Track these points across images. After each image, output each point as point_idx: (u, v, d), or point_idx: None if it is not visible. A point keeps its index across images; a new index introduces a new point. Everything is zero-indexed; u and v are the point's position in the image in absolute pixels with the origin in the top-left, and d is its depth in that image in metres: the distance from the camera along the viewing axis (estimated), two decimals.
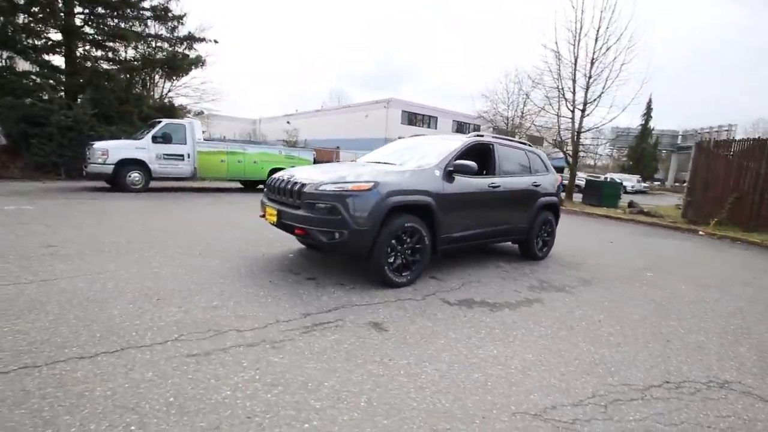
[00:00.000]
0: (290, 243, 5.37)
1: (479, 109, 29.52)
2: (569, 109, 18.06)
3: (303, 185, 3.63)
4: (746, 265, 6.62)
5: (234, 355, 2.34)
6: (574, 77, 17.62)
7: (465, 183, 4.34)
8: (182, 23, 16.31)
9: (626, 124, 20.35)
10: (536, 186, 5.35)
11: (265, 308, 3.08)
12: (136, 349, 2.32)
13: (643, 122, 44.85)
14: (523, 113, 28.75)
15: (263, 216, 4.26)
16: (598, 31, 17.13)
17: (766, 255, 7.98)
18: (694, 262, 6.61)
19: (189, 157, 10.63)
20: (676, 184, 55.96)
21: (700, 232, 10.80)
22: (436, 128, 33.63)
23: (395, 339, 2.76)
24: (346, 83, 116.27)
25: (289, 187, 3.76)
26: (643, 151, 44.98)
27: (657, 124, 52.43)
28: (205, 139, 11.24)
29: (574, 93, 17.77)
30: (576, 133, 18.06)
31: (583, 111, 17.97)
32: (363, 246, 3.55)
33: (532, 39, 33.14)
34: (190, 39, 16.07)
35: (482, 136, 4.93)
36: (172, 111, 16.83)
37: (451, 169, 4.21)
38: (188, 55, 15.30)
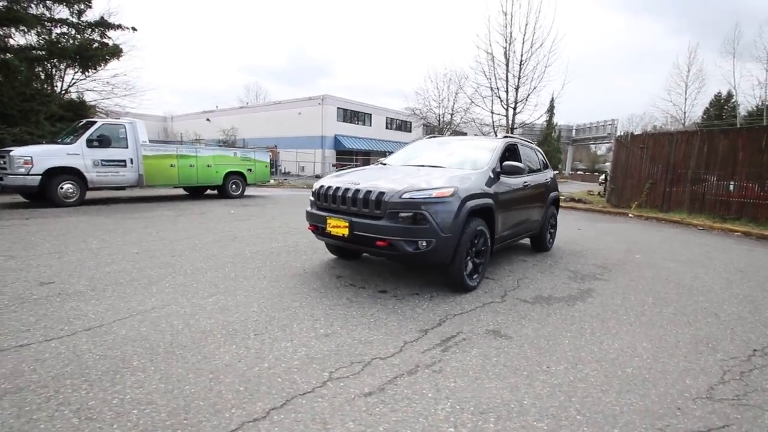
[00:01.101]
0: (313, 253, 5.02)
1: (413, 107, 30.34)
2: (503, 107, 19.52)
3: (382, 194, 3.41)
4: (691, 242, 7.88)
5: (409, 387, 2.14)
6: (507, 77, 19.07)
7: (507, 183, 4.48)
8: (89, 6, 14.01)
9: (531, 121, 22.61)
10: (548, 182, 5.73)
11: (378, 329, 2.86)
12: (302, 396, 2.00)
13: (548, 119, 50.21)
14: (453, 110, 30.32)
15: (317, 229, 3.92)
16: (524, 35, 18.72)
17: (691, 230, 9.60)
18: (654, 241, 7.67)
19: (132, 162, 9.25)
20: (572, 172, 64.26)
21: (630, 215, 12.55)
22: (370, 125, 33.74)
23: (528, 344, 2.76)
24: (257, 78, 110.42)
25: (362, 196, 3.50)
26: (549, 144, 50.42)
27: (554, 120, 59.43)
28: (150, 141, 9.85)
29: (507, 92, 19.23)
30: (510, 130, 19.58)
31: (515, 109, 19.55)
32: (448, 253, 3.47)
33: (459, 39, 35.03)
34: (103, 25, 13.85)
35: (508, 137, 5.11)
36: (82, 108, 14.42)
37: (499, 170, 4.31)
38: (107, 44, 13.16)
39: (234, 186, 11.69)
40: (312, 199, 4.09)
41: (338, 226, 3.59)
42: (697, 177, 12.18)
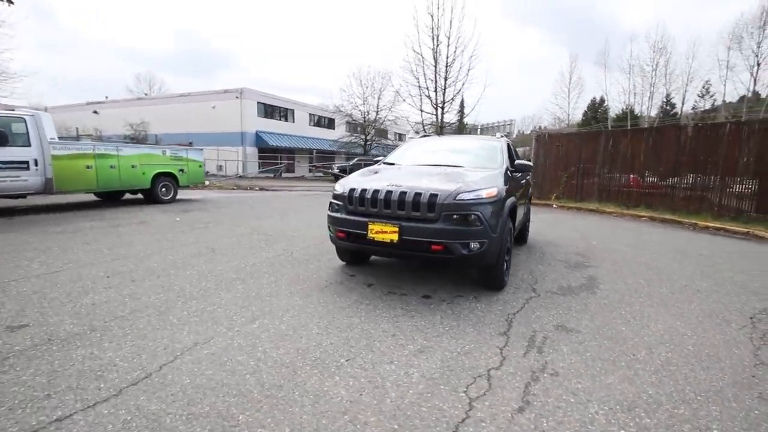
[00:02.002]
0: (317, 261, 4.65)
1: (338, 104, 29.90)
2: (433, 107, 20.39)
3: (434, 195, 3.28)
4: (618, 227, 9.14)
5: (547, 395, 2.11)
6: (436, 78, 19.94)
7: (514, 180, 4.66)
8: None
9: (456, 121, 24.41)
10: (528, 177, 6.12)
11: (461, 338, 2.76)
12: (464, 424, 1.83)
13: (459, 118, 53.82)
14: (378, 108, 30.66)
15: (347, 236, 3.61)
16: (449, 39, 19.74)
17: (608, 216, 11.17)
18: (592, 228, 8.72)
19: (37, 164, 7.52)
20: None
21: (554, 206, 14.11)
22: (293, 121, 32.21)
23: (599, 336, 2.91)
24: (144, 67, 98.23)
25: (411, 198, 3.32)
26: None
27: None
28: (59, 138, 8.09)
29: (436, 92, 20.12)
30: (440, 128, 20.55)
31: (443, 108, 20.56)
32: (495, 253, 3.49)
33: (383, 39, 35.33)
34: None
35: (503, 136, 5.32)
36: None
37: (512, 169, 4.47)
38: None
39: (164, 189, 10.24)
40: (338, 203, 3.76)
41: (384, 232, 3.36)
42: (603, 171, 14.20)
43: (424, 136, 5.78)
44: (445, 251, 3.29)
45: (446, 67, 20.03)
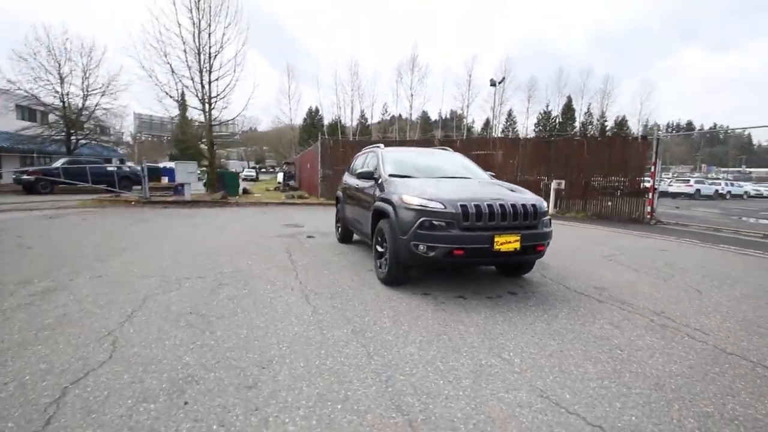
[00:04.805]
0: (347, 291, 4.10)
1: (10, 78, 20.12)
2: (200, 101, 17.74)
3: (533, 204, 3.85)
4: None
5: (691, 324, 3.36)
6: (200, 68, 17.44)
7: None
8: None
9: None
10: None
11: (602, 315, 3.59)
12: (723, 350, 2.80)
13: (181, 112, 47.49)
14: (87, 90, 22.97)
15: (466, 252, 3.59)
16: (209, 26, 17.74)
17: None
18: None
19: None
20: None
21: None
22: None
23: (624, 285, 4.45)
24: None
25: (522, 209, 3.75)
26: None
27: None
28: None
29: (202, 84, 17.63)
30: (209, 126, 18.21)
31: (210, 104, 18.32)
32: None
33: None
34: None
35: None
36: None
37: None
38: None
39: None
40: (444, 221, 3.58)
41: (508, 242, 3.63)
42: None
43: (371, 148, 5.83)
44: (543, 251, 3.97)
45: (209, 57, 17.78)
